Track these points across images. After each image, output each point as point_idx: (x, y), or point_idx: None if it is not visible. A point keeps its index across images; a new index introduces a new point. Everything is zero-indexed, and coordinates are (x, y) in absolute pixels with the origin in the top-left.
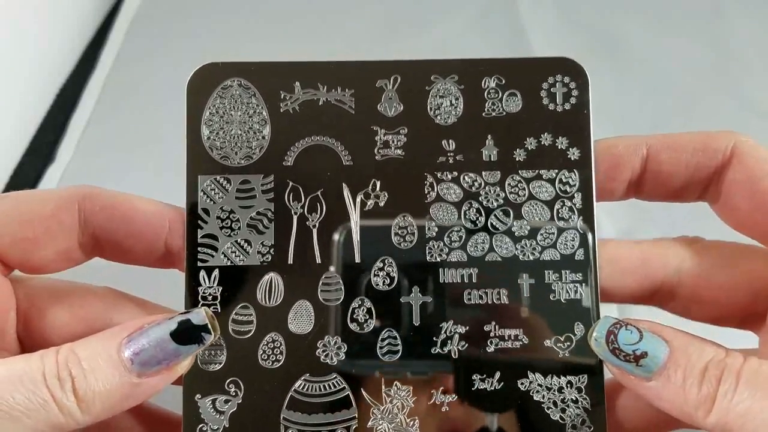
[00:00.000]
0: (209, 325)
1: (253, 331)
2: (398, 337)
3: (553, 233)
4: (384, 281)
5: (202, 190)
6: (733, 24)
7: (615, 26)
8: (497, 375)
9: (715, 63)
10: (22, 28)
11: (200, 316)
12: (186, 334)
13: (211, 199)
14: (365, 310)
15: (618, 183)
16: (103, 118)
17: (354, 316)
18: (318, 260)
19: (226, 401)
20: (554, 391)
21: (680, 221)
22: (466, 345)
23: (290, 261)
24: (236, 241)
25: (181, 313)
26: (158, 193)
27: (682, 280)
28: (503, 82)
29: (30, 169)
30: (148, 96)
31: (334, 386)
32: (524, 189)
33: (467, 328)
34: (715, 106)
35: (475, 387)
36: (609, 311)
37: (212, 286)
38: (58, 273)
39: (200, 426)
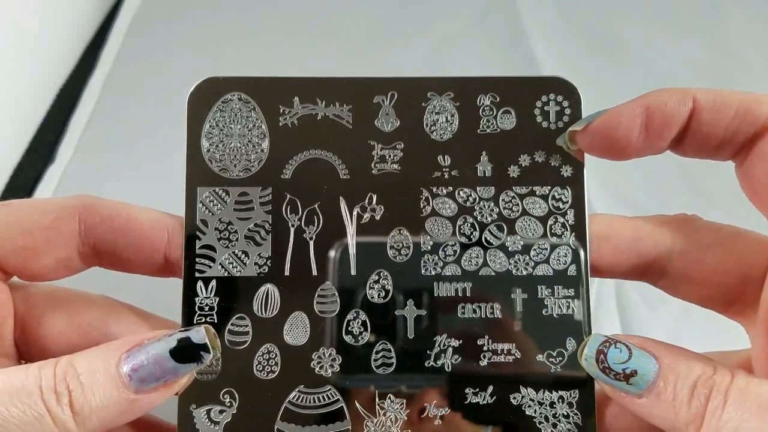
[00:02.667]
0: (209, 344)
1: (248, 342)
2: (392, 349)
3: (546, 249)
4: (379, 294)
5: (200, 202)
6: (733, 24)
7: (615, 26)
8: (490, 389)
9: (715, 62)
10: (22, 28)
11: (200, 334)
12: (185, 352)
13: (209, 211)
14: (360, 323)
15: (665, 141)
16: (103, 118)
17: (349, 329)
18: (314, 272)
19: (221, 411)
20: (546, 405)
21: None
22: (460, 358)
23: (287, 273)
24: (234, 253)
25: (181, 330)
26: (157, 193)
27: (673, 258)
28: (498, 99)
29: (30, 169)
30: (148, 96)
31: (329, 398)
32: (518, 205)
33: (460, 341)
34: None
35: (468, 400)
36: (605, 288)
37: (209, 297)
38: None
39: None
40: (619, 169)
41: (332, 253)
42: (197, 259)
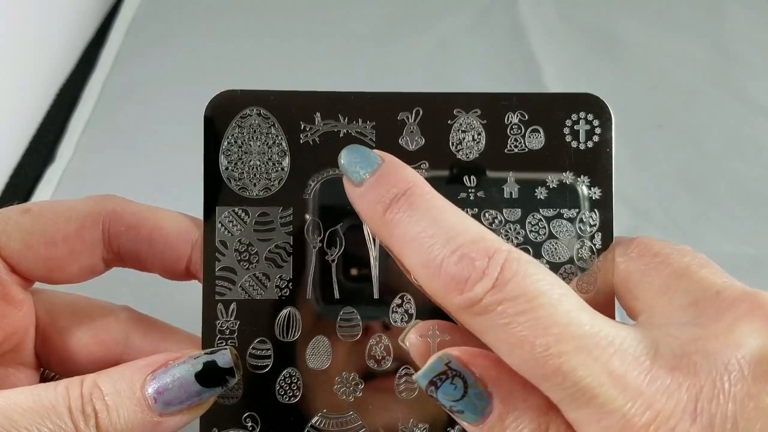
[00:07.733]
0: (234, 368)
1: (270, 366)
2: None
3: (573, 273)
4: (402, 318)
5: (220, 222)
6: (733, 23)
7: (615, 26)
8: None
9: (715, 62)
10: (22, 28)
11: (226, 358)
12: (210, 375)
13: (229, 231)
14: (383, 347)
15: None
16: (103, 118)
17: (371, 353)
18: (336, 295)
19: None
20: None
21: (680, 220)
22: None
23: (308, 296)
24: (254, 275)
25: (206, 353)
26: (157, 193)
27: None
28: (526, 117)
29: (30, 169)
30: (148, 96)
31: (351, 422)
32: (545, 228)
33: None
34: (715, 105)
35: None
36: None
37: (230, 320)
38: None
39: None
40: (619, 169)
41: (355, 276)
42: (217, 282)
